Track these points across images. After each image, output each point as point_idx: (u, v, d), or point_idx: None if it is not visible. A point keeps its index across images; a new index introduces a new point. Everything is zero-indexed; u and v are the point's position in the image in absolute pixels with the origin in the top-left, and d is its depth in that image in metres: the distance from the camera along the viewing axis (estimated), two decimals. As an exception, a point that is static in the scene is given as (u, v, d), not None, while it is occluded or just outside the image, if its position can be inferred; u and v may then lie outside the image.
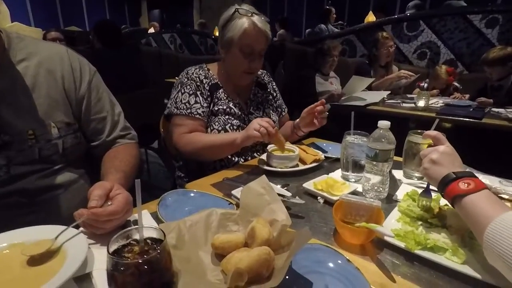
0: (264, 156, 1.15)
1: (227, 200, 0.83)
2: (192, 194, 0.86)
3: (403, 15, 3.94)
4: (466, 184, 0.61)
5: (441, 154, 0.68)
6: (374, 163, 0.87)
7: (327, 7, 5.51)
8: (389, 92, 2.75)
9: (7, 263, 0.56)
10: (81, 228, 0.67)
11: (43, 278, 0.51)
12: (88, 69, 0.93)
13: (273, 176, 1.03)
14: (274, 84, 1.50)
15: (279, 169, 1.07)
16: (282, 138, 1.12)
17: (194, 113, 1.21)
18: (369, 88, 2.82)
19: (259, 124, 1.06)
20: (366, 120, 1.12)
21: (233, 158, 1.26)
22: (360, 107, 2.41)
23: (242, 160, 1.26)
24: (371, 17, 4.77)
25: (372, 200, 0.73)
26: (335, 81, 3.10)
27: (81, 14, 9.34)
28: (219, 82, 1.29)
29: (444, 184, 0.64)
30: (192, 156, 1.25)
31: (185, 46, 6.22)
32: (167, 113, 1.28)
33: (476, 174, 0.82)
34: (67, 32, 5.75)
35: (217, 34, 6.42)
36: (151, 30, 7.42)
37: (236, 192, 0.85)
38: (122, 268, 0.40)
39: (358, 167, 0.99)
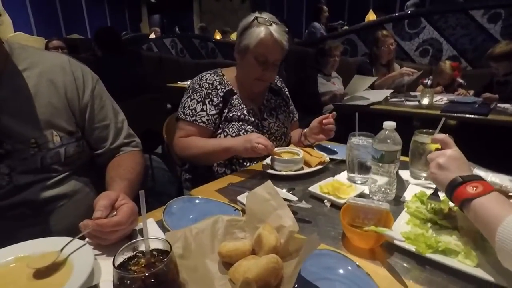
0: (268, 160, 1.14)
1: (233, 206, 0.82)
2: (197, 201, 0.86)
3: (404, 13, 3.92)
4: (473, 188, 0.60)
5: (447, 158, 0.67)
6: (381, 164, 0.86)
7: (319, 5, 5.44)
8: (392, 90, 2.73)
9: (13, 277, 0.56)
10: (87, 239, 0.66)
11: (50, 292, 0.51)
12: (90, 77, 0.93)
13: (278, 180, 1.02)
14: (286, 89, 1.50)
15: (284, 173, 1.06)
16: (278, 154, 1.11)
17: (198, 120, 1.22)
18: (372, 87, 2.80)
19: (256, 142, 1.06)
20: (369, 119, 1.11)
21: (245, 163, 1.25)
22: (363, 106, 2.40)
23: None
24: (371, 16, 4.76)
25: (380, 203, 0.71)
26: (337, 81, 3.08)
27: (82, 21, 9.43)
28: (233, 88, 1.30)
29: (452, 189, 0.63)
30: (189, 160, 1.26)
31: (186, 51, 6.24)
32: (176, 116, 1.30)
33: (485, 173, 0.81)
34: (69, 40, 5.80)
35: (217, 37, 6.46)
36: (152, 35, 7.46)
37: (242, 197, 0.84)
38: (128, 282, 0.40)
39: (364, 169, 0.98)
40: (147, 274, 0.39)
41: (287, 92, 1.50)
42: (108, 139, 0.95)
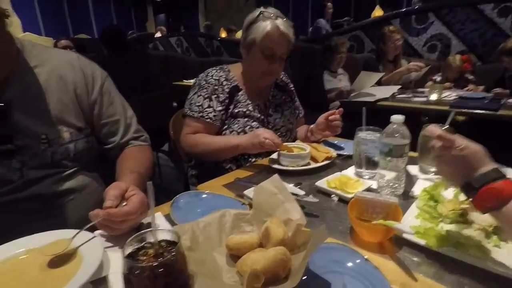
0: (275, 155, 1.14)
1: (240, 201, 0.82)
2: (204, 195, 0.86)
3: (411, 8, 3.86)
4: (491, 195, 0.52)
5: (446, 168, 0.60)
6: (389, 159, 0.85)
7: (324, 2, 5.41)
8: (399, 86, 2.69)
9: (24, 268, 0.57)
10: (97, 231, 0.67)
11: (60, 283, 0.52)
12: (99, 74, 0.94)
13: (285, 175, 1.01)
14: (292, 85, 1.49)
15: (291, 168, 1.06)
16: (287, 147, 1.11)
17: (205, 116, 1.22)
18: (379, 83, 2.77)
19: (264, 138, 1.07)
20: (376, 116, 1.09)
21: (250, 159, 1.25)
22: (370, 102, 2.37)
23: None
24: (378, 12, 4.71)
25: (388, 196, 0.71)
26: (344, 77, 3.06)
27: (89, 22, 9.54)
28: (239, 84, 1.29)
29: (467, 194, 0.57)
30: (196, 156, 1.28)
31: (192, 49, 6.27)
32: (183, 113, 1.31)
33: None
34: (77, 40, 5.87)
35: (223, 35, 6.46)
36: (158, 34, 7.51)
37: (249, 192, 0.84)
38: (137, 272, 0.40)
39: (371, 164, 0.97)
40: (156, 264, 0.40)
41: (292, 88, 1.49)
42: (118, 133, 0.96)
